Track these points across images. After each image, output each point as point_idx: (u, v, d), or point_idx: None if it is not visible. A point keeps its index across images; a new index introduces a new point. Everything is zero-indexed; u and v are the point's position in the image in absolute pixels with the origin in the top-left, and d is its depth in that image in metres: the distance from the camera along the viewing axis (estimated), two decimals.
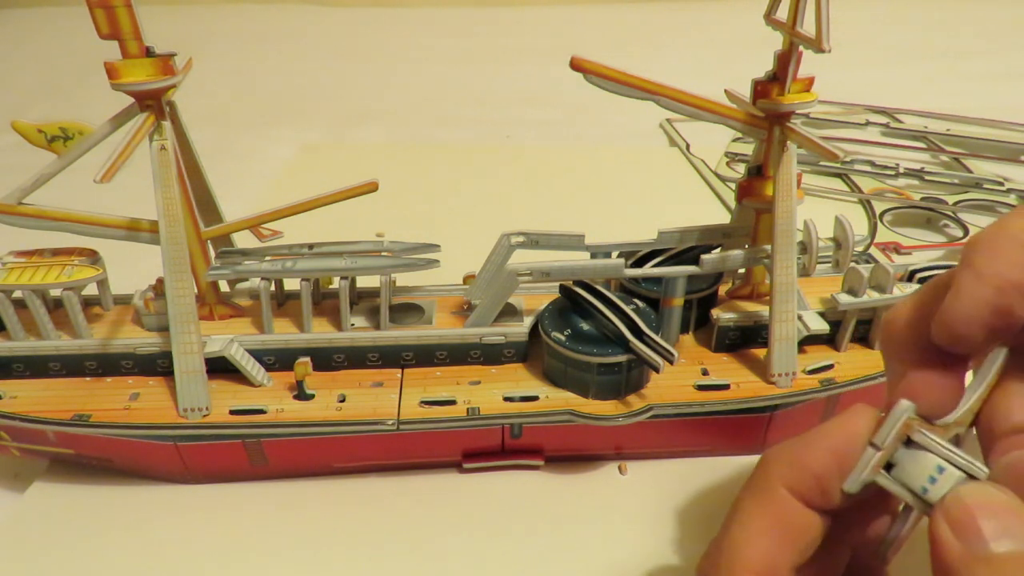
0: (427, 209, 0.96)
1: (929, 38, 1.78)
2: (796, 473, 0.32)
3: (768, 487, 0.32)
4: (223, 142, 1.17)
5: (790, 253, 0.51)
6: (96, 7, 0.42)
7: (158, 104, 0.47)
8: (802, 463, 0.32)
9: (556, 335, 0.51)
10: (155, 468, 0.54)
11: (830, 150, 0.48)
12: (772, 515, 0.32)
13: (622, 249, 0.57)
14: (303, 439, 0.52)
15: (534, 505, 0.54)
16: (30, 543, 0.51)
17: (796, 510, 0.32)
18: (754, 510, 0.33)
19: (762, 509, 0.32)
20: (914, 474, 0.30)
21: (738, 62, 0.66)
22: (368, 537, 0.51)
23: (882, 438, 0.30)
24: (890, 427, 0.30)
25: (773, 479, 0.32)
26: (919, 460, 0.30)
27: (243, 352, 0.53)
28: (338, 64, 1.65)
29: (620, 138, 1.24)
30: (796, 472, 0.32)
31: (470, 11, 2.07)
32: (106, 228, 0.51)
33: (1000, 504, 0.28)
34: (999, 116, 1.22)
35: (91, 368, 0.54)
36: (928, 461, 0.30)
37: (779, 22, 0.49)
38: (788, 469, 0.32)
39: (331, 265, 0.54)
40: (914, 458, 0.30)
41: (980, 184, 0.99)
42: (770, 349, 0.53)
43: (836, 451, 0.31)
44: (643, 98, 0.49)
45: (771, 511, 0.32)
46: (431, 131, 1.28)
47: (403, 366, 0.56)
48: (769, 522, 0.32)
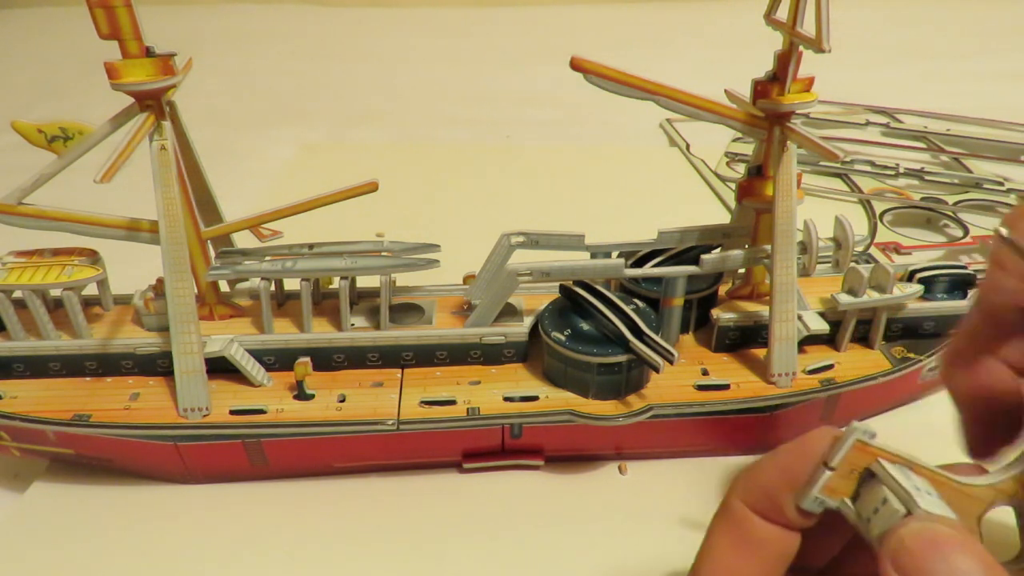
0: (427, 209, 0.96)
1: (929, 38, 1.78)
2: (749, 488, 0.33)
3: (728, 505, 0.33)
4: (223, 142, 1.17)
5: (790, 253, 0.51)
6: (96, 7, 0.42)
7: (158, 104, 0.47)
8: (754, 479, 0.33)
9: (556, 335, 0.51)
10: (155, 468, 0.54)
11: (830, 150, 0.48)
12: (732, 531, 0.33)
13: (622, 249, 0.57)
14: (303, 439, 0.52)
15: (534, 505, 0.54)
16: (30, 543, 0.51)
17: (755, 524, 0.32)
18: (716, 527, 0.33)
19: (724, 526, 0.33)
20: (867, 506, 0.29)
21: (738, 62, 0.66)
22: (368, 537, 0.51)
23: (833, 458, 0.29)
24: (840, 448, 0.29)
25: (731, 497, 0.33)
26: (873, 492, 0.29)
27: (243, 352, 0.53)
28: (338, 64, 1.65)
29: (620, 138, 1.24)
30: (749, 487, 0.33)
31: (470, 11, 2.07)
32: (106, 228, 0.51)
33: (944, 539, 0.26)
34: (999, 116, 1.22)
35: (91, 368, 0.54)
36: (877, 493, 0.29)
37: (779, 22, 0.49)
38: (742, 484, 0.33)
39: (331, 265, 0.54)
40: (871, 489, 0.29)
41: (980, 184, 0.99)
42: (770, 349, 0.53)
43: (785, 468, 0.31)
44: (643, 98, 0.49)
45: (731, 527, 0.33)
46: (431, 131, 1.28)
47: (403, 366, 0.56)
48: (730, 538, 0.33)
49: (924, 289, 0.57)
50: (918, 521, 0.27)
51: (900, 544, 0.27)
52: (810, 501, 0.30)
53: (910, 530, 0.27)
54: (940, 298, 0.58)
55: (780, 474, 0.31)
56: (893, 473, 0.28)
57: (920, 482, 0.29)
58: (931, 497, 0.28)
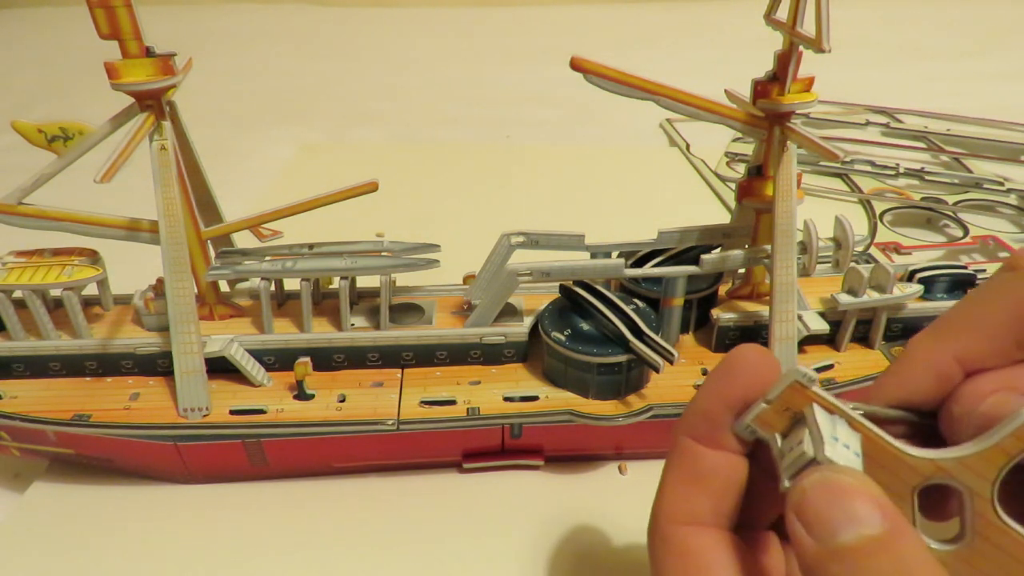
0: (427, 209, 0.96)
1: (929, 38, 1.78)
2: (689, 418, 0.33)
3: (674, 442, 0.34)
4: (223, 142, 1.17)
5: (790, 253, 0.51)
6: (96, 7, 0.42)
7: (158, 104, 0.47)
8: (693, 408, 0.33)
9: (556, 335, 0.51)
10: (155, 468, 0.54)
11: (830, 150, 0.48)
12: (681, 465, 0.33)
13: (622, 249, 0.57)
14: (303, 439, 0.52)
15: (534, 505, 0.54)
16: (30, 543, 0.51)
17: (699, 453, 0.32)
18: (667, 466, 0.34)
19: (673, 462, 0.33)
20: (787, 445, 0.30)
21: (738, 62, 0.66)
22: (368, 537, 0.51)
23: (770, 393, 0.31)
24: (777, 386, 0.30)
25: (676, 433, 0.34)
26: (796, 433, 0.30)
27: (243, 352, 0.53)
28: (338, 64, 1.65)
29: (620, 138, 1.24)
30: (688, 417, 0.33)
31: (470, 11, 2.08)
32: (106, 228, 0.51)
33: (843, 487, 0.26)
34: (999, 116, 1.22)
35: (91, 368, 0.54)
36: (798, 435, 0.29)
37: (779, 22, 0.49)
38: (684, 417, 0.34)
39: (331, 265, 0.54)
40: (796, 431, 0.30)
41: (980, 184, 0.99)
42: (770, 349, 0.53)
43: (718, 392, 0.32)
44: (643, 98, 0.49)
45: (678, 461, 0.33)
46: (431, 131, 1.29)
47: (403, 366, 0.56)
48: (679, 472, 0.33)
49: (924, 289, 0.57)
50: (819, 471, 0.27)
51: (802, 495, 0.27)
52: (742, 428, 0.31)
53: (811, 480, 0.27)
54: (940, 298, 0.58)
55: (715, 398, 0.32)
56: (819, 420, 0.29)
57: (848, 436, 0.29)
58: (846, 451, 0.28)
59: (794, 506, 0.27)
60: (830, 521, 0.26)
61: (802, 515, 0.27)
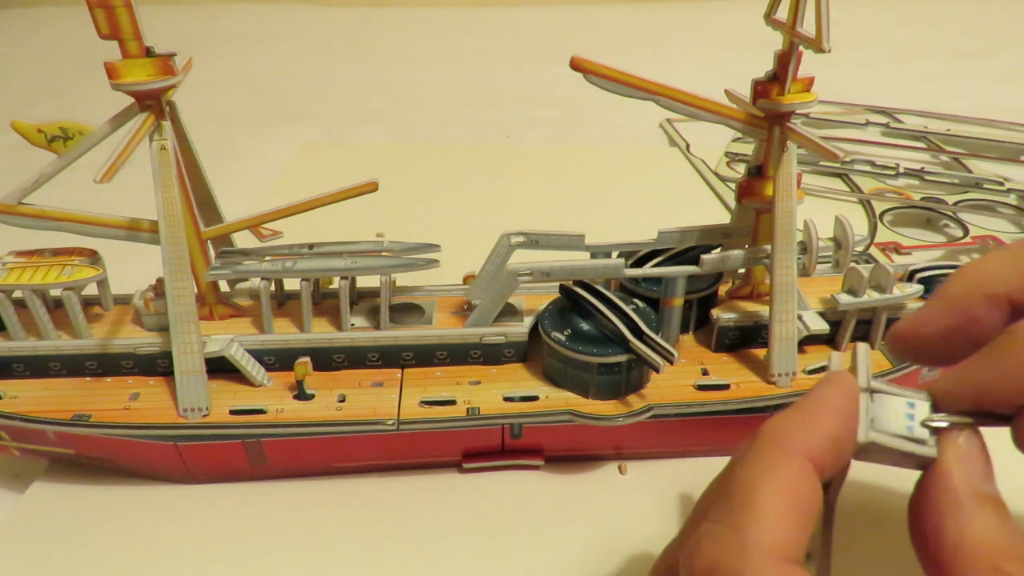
0: (427, 209, 0.96)
1: (929, 38, 1.78)
2: (816, 439, 0.29)
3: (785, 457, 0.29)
4: (223, 142, 1.17)
5: (790, 253, 0.51)
6: (96, 7, 0.42)
7: (158, 104, 0.47)
8: (819, 426, 0.30)
9: (556, 335, 0.51)
10: (155, 468, 0.54)
11: (830, 150, 0.48)
12: (789, 491, 0.28)
13: (622, 249, 0.57)
14: (303, 439, 0.52)
15: (534, 505, 0.54)
16: (30, 543, 0.51)
17: (813, 484, 0.28)
18: (769, 486, 0.28)
19: (778, 487, 0.28)
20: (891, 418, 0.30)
21: (738, 62, 0.66)
22: (368, 537, 0.51)
23: (865, 380, 0.30)
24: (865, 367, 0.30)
25: (790, 449, 0.29)
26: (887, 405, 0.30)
27: (243, 352, 0.53)
28: (338, 64, 1.65)
29: (620, 138, 1.24)
30: (816, 438, 0.29)
31: (470, 11, 2.08)
32: (106, 228, 0.51)
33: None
34: (999, 116, 1.22)
35: (91, 368, 0.54)
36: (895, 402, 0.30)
37: (779, 22, 0.49)
38: (808, 436, 0.29)
39: (331, 265, 0.54)
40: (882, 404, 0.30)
41: (980, 184, 0.99)
42: (770, 349, 0.53)
43: (841, 410, 0.30)
44: (643, 98, 0.49)
45: (788, 487, 0.28)
46: (431, 131, 1.28)
47: (403, 366, 0.56)
48: (790, 502, 0.28)
49: (924, 289, 0.57)
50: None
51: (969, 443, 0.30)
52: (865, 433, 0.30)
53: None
54: None
55: (842, 417, 0.30)
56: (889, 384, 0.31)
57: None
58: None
59: (957, 446, 0.30)
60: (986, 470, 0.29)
61: (962, 453, 0.30)
